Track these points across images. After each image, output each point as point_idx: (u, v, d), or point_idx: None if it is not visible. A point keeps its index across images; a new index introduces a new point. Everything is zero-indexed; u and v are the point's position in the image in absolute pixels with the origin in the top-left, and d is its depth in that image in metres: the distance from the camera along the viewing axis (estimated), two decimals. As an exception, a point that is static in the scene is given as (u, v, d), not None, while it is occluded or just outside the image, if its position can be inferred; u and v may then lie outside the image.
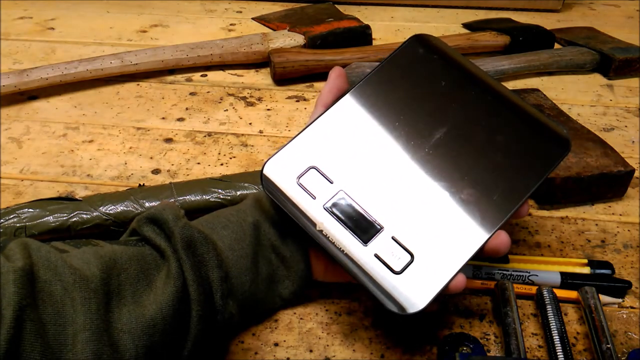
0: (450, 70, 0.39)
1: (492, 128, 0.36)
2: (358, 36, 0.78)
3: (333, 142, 0.36)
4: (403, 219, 0.34)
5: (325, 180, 0.35)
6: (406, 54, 0.39)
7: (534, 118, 0.37)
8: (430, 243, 0.33)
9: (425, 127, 0.36)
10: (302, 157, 0.36)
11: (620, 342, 0.37)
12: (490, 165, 0.35)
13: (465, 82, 0.38)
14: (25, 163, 0.56)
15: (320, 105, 0.39)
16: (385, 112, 0.37)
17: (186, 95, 0.70)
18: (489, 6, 1.00)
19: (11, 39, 0.86)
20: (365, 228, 0.34)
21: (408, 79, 0.38)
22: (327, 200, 0.34)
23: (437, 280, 0.32)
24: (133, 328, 0.30)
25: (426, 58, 0.39)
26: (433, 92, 0.38)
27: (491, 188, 0.34)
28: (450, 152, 0.35)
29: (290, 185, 0.35)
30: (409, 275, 0.32)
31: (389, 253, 0.33)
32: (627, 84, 0.74)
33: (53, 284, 0.28)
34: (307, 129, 0.37)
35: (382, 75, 0.38)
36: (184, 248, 0.33)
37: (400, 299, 0.31)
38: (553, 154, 0.36)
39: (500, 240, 0.33)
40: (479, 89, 0.38)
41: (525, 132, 0.37)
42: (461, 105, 0.37)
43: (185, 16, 0.96)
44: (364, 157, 0.36)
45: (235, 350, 0.37)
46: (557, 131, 0.37)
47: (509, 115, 0.37)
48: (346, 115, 0.37)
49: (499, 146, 0.36)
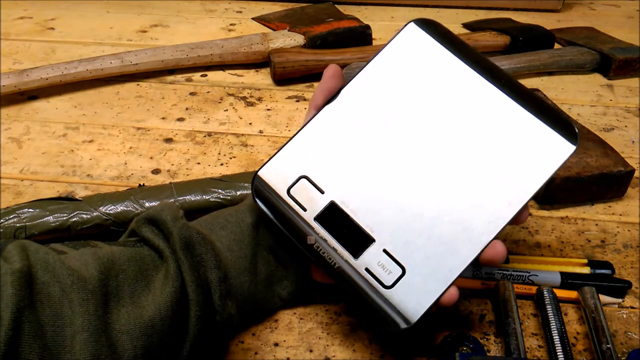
0: (451, 65, 0.35)
1: (489, 133, 0.34)
2: (358, 36, 0.78)
3: (324, 148, 0.35)
4: (395, 230, 0.33)
5: (316, 191, 0.34)
6: (403, 44, 0.36)
7: (543, 112, 0.34)
8: (423, 256, 0.32)
9: (418, 132, 0.34)
10: (292, 166, 0.35)
11: (620, 342, 0.37)
12: (485, 174, 0.33)
13: (466, 81, 0.35)
14: (25, 163, 0.56)
15: (312, 108, 0.38)
16: (378, 114, 0.35)
17: (186, 95, 0.70)
18: (489, 6, 1.00)
19: (11, 39, 0.86)
20: (357, 240, 0.33)
21: (403, 75, 0.35)
22: (318, 211, 0.34)
23: (428, 294, 0.31)
24: (131, 329, 0.29)
25: (424, 49, 0.35)
26: (430, 90, 0.35)
27: (485, 198, 0.33)
28: (444, 161, 0.33)
29: (281, 197, 0.34)
30: (400, 290, 0.31)
31: (380, 266, 0.32)
32: (627, 84, 0.74)
33: (51, 285, 0.28)
34: (297, 136, 0.36)
35: (375, 71, 0.36)
36: (183, 249, 0.33)
37: (391, 314, 0.31)
38: (553, 157, 0.33)
39: (496, 250, 0.32)
40: (478, 85, 0.36)
41: (523, 137, 0.34)
42: (457, 107, 0.34)
43: (185, 16, 0.96)
44: (355, 164, 0.34)
45: (235, 350, 0.37)
46: (565, 130, 0.33)
47: (508, 121, 0.34)
48: (336, 118, 0.35)
49: (494, 155, 0.33)
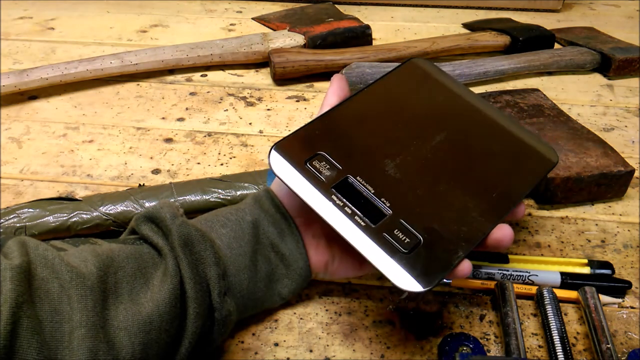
0: (453, 89, 0.42)
1: (488, 137, 0.39)
2: (358, 36, 0.78)
3: (341, 133, 0.37)
4: (410, 205, 0.34)
5: (333, 165, 0.35)
6: (414, 67, 0.43)
7: (525, 134, 0.40)
8: (437, 228, 0.33)
9: (429, 129, 0.39)
10: (310, 143, 0.36)
11: (620, 342, 0.37)
12: (489, 168, 0.37)
13: (464, 100, 0.42)
14: (25, 163, 0.56)
15: (326, 106, 0.40)
16: (392, 111, 0.39)
17: (186, 95, 0.70)
18: (489, 6, 1.00)
19: (11, 39, 0.86)
20: (374, 209, 0.34)
21: (415, 87, 0.41)
22: (336, 182, 0.35)
23: (444, 262, 0.32)
24: (129, 325, 0.30)
25: (431, 76, 0.43)
26: (438, 101, 0.41)
27: (491, 186, 0.36)
28: (452, 151, 0.37)
29: (299, 166, 0.35)
30: (417, 256, 0.32)
31: (398, 234, 0.33)
32: (627, 84, 0.74)
33: (50, 281, 0.28)
34: (317, 119, 0.38)
35: (390, 79, 0.41)
36: (181, 246, 0.33)
37: (408, 277, 0.31)
38: (542, 163, 0.38)
39: (504, 232, 0.33)
40: (478, 109, 0.41)
41: (518, 144, 0.39)
42: (462, 115, 0.41)
43: (185, 16, 0.96)
44: (370, 148, 0.37)
45: (235, 350, 0.37)
46: (543, 144, 0.40)
47: (504, 130, 0.40)
48: (352, 111, 0.39)
49: (495, 152, 0.38)
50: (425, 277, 0.31)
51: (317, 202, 0.34)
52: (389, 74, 0.42)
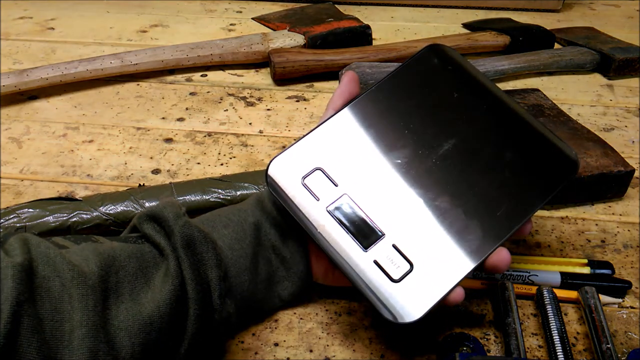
0: (462, 83, 0.39)
1: (501, 145, 0.36)
2: (358, 36, 0.78)
3: (340, 146, 0.36)
4: (405, 227, 0.33)
5: (330, 183, 0.35)
6: (420, 62, 0.39)
7: (544, 137, 0.37)
8: (431, 254, 0.33)
9: (434, 137, 0.36)
10: (308, 158, 0.36)
11: (620, 342, 0.37)
12: (496, 181, 0.35)
13: (477, 95, 0.38)
14: (25, 163, 0.56)
15: (330, 109, 0.39)
16: (394, 120, 0.37)
17: (186, 95, 0.70)
18: (489, 6, 1.00)
19: (11, 39, 0.86)
20: (367, 233, 0.33)
21: (420, 89, 0.38)
22: (331, 202, 0.34)
23: (435, 291, 0.32)
24: (130, 326, 0.30)
25: (439, 68, 0.39)
26: (444, 103, 0.38)
27: (496, 204, 0.34)
28: (457, 164, 0.35)
29: (295, 185, 0.35)
30: (407, 285, 0.32)
31: (389, 260, 0.32)
32: (627, 84, 0.74)
33: (51, 279, 0.28)
34: (315, 131, 0.37)
35: (393, 82, 0.38)
36: (183, 247, 0.33)
37: (396, 307, 0.31)
38: (559, 174, 0.35)
39: (501, 257, 0.33)
40: (491, 104, 0.38)
41: (533, 152, 0.36)
42: (471, 118, 0.37)
43: (185, 16, 0.96)
44: (370, 163, 0.36)
45: (235, 350, 0.37)
46: (566, 152, 0.36)
47: (518, 133, 0.37)
48: (355, 119, 0.37)
49: (506, 163, 0.35)
50: (414, 308, 0.31)
51: (311, 227, 0.34)
52: (401, 68, 0.39)
